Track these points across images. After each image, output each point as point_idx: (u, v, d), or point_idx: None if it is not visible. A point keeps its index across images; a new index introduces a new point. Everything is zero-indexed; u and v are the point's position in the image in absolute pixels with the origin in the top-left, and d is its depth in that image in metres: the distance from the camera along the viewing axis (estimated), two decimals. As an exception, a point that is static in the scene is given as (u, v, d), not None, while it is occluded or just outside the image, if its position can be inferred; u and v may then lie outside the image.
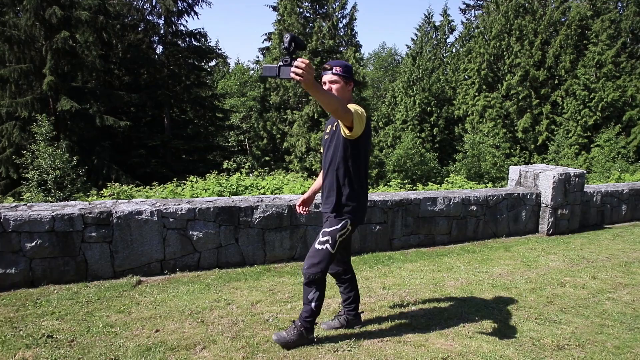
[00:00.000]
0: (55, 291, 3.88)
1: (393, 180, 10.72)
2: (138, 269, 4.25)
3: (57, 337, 3.09)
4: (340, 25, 22.94)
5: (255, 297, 3.90)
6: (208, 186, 6.88)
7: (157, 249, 4.27)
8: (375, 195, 5.76)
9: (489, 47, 26.02)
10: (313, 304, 3.00)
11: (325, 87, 2.94)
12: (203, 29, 24.42)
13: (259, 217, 4.63)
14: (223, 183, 7.05)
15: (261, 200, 4.78)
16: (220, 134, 26.34)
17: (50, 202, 9.73)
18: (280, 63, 2.34)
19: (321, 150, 3.26)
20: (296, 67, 2.25)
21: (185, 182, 7.29)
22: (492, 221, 6.39)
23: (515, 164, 22.88)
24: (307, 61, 2.27)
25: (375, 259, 5.21)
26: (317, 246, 2.98)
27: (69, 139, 17.06)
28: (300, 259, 4.95)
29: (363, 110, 2.87)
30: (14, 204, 4.15)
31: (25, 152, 14.69)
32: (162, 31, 23.14)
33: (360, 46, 23.76)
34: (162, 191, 7.00)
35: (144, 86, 22.09)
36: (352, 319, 3.36)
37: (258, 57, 33.96)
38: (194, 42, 24.04)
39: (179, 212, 4.31)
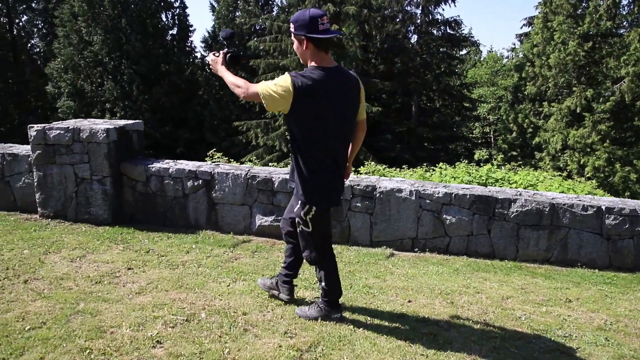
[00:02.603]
0: (324, 248, 4.52)
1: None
2: (392, 242, 4.59)
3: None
4: (624, 2, 19.43)
5: (505, 291, 3.76)
6: (457, 174, 6.87)
7: (411, 227, 4.53)
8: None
9: None
10: (323, 283, 2.98)
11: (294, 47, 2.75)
12: (459, 16, 24.03)
13: (516, 211, 4.41)
14: (472, 173, 6.93)
15: (520, 194, 4.53)
16: (465, 124, 25.75)
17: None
18: None
19: None
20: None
21: (434, 168, 7.44)
22: None
23: None
24: (212, 52, 2.90)
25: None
26: (297, 229, 2.92)
27: (329, 121, 19.27)
28: (557, 264, 4.52)
29: (287, 83, 2.53)
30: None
31: (295, 130, 17.34)
32: (418, 21, 23.73)
33: (650, 27, 19.65)
34: (412, 174, 7.31)
35: (396, 74, 23.16)
36: (283, 285, 3.19)
37: (514, 44, 31.72)
38: (448, 31, 23.92)
39: (436, 195, 4.45)
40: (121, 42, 22.13)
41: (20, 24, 28.03)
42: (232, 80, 2.75)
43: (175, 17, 25.96)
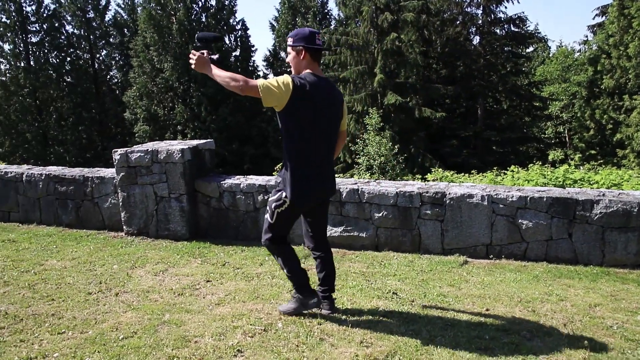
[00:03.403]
0: (395, 257, 4.48)
1: None
2: (464, 249, 4.46)
3: (400, 295, 3.58)
4: None
5: (592, 299, 3.53)
6: (531, 177, 6.56)
7: (484, 233, 4.38)
8: None
9: None
10: (285, 271, 3.12)
11: (288, 59, 2.99)
12: (523, 13, 23.18)
13: (600, 213, 4.13)
14: (548, 175, 6.59)
15: (603, 195, 4.24)
16: (536, 124, 24.54)
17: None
18: None
19: None
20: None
21: (505, 171, 7.16)
22: None
23: None
24: (192, 51, 2.90)
25: None
26: (265, 215, 3.10)
27: (391, 129, 19.13)
28: (651, 268, 4.17)
29: (288, 81, 2.73)
30: (366, 180, 4.99)
31: (358, 140, 17.40)
32: (479, 21, 23.09)
33: None
34: (482, 179, 7.08)
35: (459, 78, 22.62)
36: (322, 300, 3.21)
37: (586, 37, 29.90)
38: (512, 28, 23.06)
39: (509, 199, 4.28)
40: (189, 67, 23.40)
41: (100, 58, 30.51)
42: (227, 74, 2.77)
43: (238, 39, 27.08)
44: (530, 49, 27.63)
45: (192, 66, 2.88)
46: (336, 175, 10.60)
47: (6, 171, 5.95)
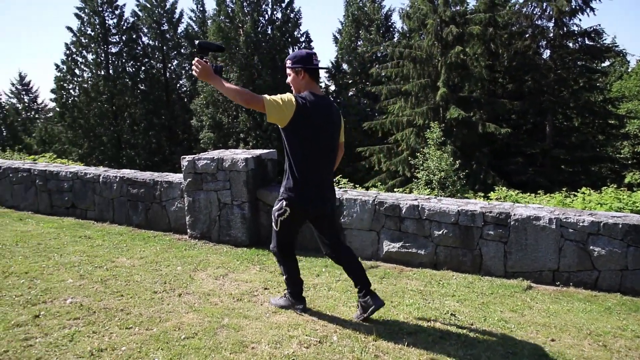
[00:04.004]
0: (454, 277, 4.36)
1: None
2: (529, 273, 4.26)
3: (459, 317, 3.48)
4: None
5: (673, 337, 3.25)
6: (604, 200, 6.17)
7: (551, 258, 4.16)
8: None
9: None
10: (283, 277, 3.44)
11: (288, 81, 3.13)
12: (599, 25, 21.78)
13: (684, 243, 3.81)
14: (624, 199, 6.17)
15: (688, 224, 3.92)
16: (611, 143, 22.98)
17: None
18: None
19: None
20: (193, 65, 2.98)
21: (575, 193, 6.78)
22: None
23: None
24: (196, 59, 2.96)
25: None
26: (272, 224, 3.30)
27: (453, 144, 18.69)
28: None
29: (291, 99, 2.92)
30: (427, 196, 4.92)
31: (418, 154, 17.15)
32: (550, 34, 22.10)
33: None
34: (549, 200, 6.75)
35: (527, 93, 21.73)
36: (364, 303, 3.27)
37: (671, 51, 27.80)
38: (586, 42, 21.85)
39: (580, 224, 4.05)
40: (253, 77, 24.18)
41: (172, 67, 32.22)
42: (233, 87, 2.97)
43: (302, 51, 27.63)
44: (607, 63, 26.11)
45: (195, 74, 2.99)
46: (395, 190, 10.56)
47: (86, 172, 6.41)
